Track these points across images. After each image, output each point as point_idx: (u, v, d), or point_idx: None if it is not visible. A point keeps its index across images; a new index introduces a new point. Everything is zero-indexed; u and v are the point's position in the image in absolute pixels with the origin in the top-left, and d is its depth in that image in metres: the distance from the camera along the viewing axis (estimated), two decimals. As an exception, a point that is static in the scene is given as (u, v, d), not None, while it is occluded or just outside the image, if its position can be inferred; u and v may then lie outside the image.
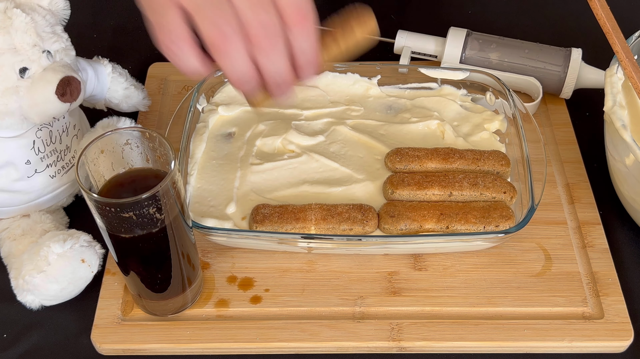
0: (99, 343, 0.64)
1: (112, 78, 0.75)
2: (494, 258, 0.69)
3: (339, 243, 0.67)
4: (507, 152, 0.74)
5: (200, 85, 0.77)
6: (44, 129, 0.67)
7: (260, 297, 0.67)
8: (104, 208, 0.54)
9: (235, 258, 0.70)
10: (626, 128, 0.65)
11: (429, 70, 0.80)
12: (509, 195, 0.70)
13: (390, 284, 0.68)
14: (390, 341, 0.64)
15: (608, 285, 0.67)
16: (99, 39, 0.94)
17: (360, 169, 0.74)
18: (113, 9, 1.00)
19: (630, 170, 0.67)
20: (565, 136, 0.80)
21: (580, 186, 0.75)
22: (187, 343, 0.64)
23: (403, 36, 0.86)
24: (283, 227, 0.67)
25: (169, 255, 0.60)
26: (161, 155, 0.59)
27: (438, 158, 0.72)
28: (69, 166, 0.70)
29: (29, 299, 0.66)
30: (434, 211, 0.68)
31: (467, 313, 0.66)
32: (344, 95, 0.81)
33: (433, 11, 0.99)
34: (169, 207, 0.56)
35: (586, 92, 0.84)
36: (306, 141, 0.75)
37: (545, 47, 0.82)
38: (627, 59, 0.67)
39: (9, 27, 0.62)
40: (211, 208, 0.70)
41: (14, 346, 0.65)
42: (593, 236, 0.71)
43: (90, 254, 0.66)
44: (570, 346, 0.64)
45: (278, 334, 0.64)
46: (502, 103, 0.77)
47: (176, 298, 0.65)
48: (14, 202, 0.68)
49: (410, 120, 0.78)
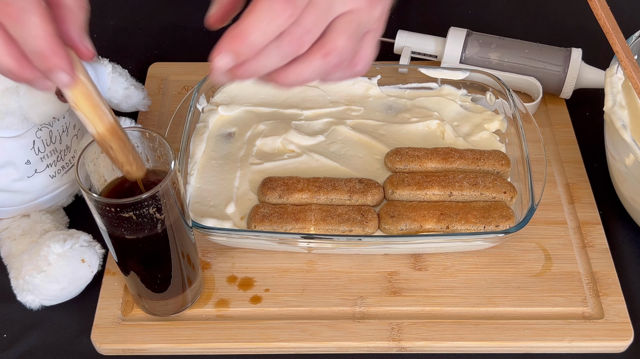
0: (99, 343, 0.64)
1: (112, 78, 0.75)
2: (494, 258, 0.69)
3: (339, 243, 0.67)
4: (507, 152, 0.74)
5: (200, 85, 0.77)
6: (44, 129, 0.67)
7: (260, 297, 0.67)
8: (104, 208, 0.54)
9: (235, 258, 0.70)
10: (626, 128, 0.65)
11: (429, 70, 0.80)
12: (509, 195, 0.70)
13: (390, 284, 0.68)
14: (390, 341, 0.64)
15: (608, 284, 0.67)
16: (99, 39, 0.94)
17: (360, 169, 0.74)
18: (113, 9, 1.00)
19: (630, 170, 0.67)
20: (565, 136, 0.80)
21: (580, 186, 0.75)
22: (187, 343, 0.64)
23: (403, 36, 0.86)
24: (282, 227, 0.67)
25: (169, 255, 0.60)
26: (161, 155, 0.59)
27: (438, 158, 0.72)
28: (69, 166, 0.70)
29: (29, 299, 0.66)
30: (434, 211, 0.68)
31: (467, 313, 0.66)
32: (344, 95, 0.81)
33: (433, 11, 0.99)
34: (169, 207, 0.56)
35: (586, 92, 0.84)
36: (306, 141, 0.75)
37: (545, 47, 0.82)
38: (627, 58, 0.67)
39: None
40: (211, 208, 0.70)
41: (14, 346, 0.65)
42: (593, 236, 0.71)
43: (90, 254, 0.66)
44: (570, 346, 0.64)
45: (278, 334, 0.64)
46: (502, 103, 0.77)
47: (176, 298, 0.65)
48: (14, 202, 0.68)
49: (410, 120, 0.78)
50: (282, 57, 0.48)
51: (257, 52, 0.47)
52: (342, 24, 0.49)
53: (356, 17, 0.49)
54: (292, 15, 0.46)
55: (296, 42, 0.48)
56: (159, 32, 0.96)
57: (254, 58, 0.48)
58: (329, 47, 0.49)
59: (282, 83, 0.50)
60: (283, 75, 0.50)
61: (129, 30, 0.96)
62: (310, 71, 0.49)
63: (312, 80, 0.50)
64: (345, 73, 0.52)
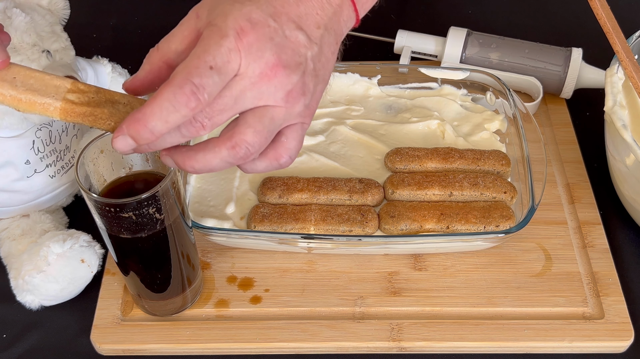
0: (98, 343, 0.64)
1: (112, 78, 0.75)
2: (494, 258, 0.69)
3: (339, 243, 0.67)
4: (508, 152, 0.74)
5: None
6: (43, 129, 0.67)
7: (260, 297, 0.67)
8: (104, 208, 0.54)
9: (235, 258, 0.70)
10: (626, 128, 0.65)
11: (429, 70, 0.80)
12: (509, 195, 0.70)
13: (391, 284, 0.68)
14: (391, 341, 0.64)
15: (608, 285, 0.67)
16: (99, 39, 0.94)
17: (360, 169, 0.73)
18: (113, 9, 1.00)
19: (631, 170, 0.67)
20: (565, 136, 0.80)
21: (581, 186, 0.75)
22: (187, 343, 0.64)
23: (403, 36, 0.86)
24: (282, 227, 0.67)
25: (169, 255, 0.60)
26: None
27: (438, 158, 0.72)
28: (69, 166, 0.70)
29: (29, 300, 0.65)
30: (434, 211, 0.68)
31: (467, 313, 0.66)
32: (344, 95, 0.81)
33: (433, 11, 0.99)
34: (169, 207, 0.56)
35: (586, 92, 0.84)
36: (306, 141, 0.75)
37: (545, 47, 0.82)
38: (628, 58, 0.67)
39: (8, 27, 0.62)
40: (211, 208, 0.70)
41: (14, 346, 0.65)
42: (593, 236, 0.71)
43: (90, 254, 0.65)
44: (571, 346, 0.64)
45: (278, 335, 0.64)
46: (502, 103, 0.77)
47: (176, 298, 0.65)
48: (13, 202, 0.68)
49: (410, 120, 0.78)
50: (182, 136, 0.47)
51: (158, 138, 0.46)
52: (251, 118, 0.48)
53: (269, 112, 0.48)
54: (196, 108, 0.45)
55: (197, 130, 0.47)
56: (159, 32, 0.95)
57: (154, 140, 0.47)
58: (236, 140, 0.47)
59: (189, 170, 0.49)
60: (190, 161, 0.49)
61: (129, 30, 0.96)
62: (217, 161, 0.48)
63: (222, 168, 0.49)
64: (271, 164, 0.51)
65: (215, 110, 0.46)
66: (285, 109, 0.48)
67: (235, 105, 0.47)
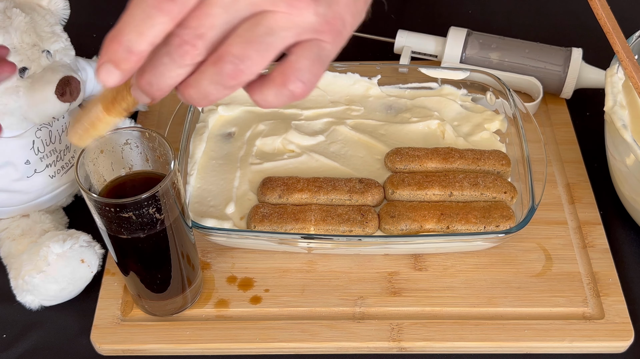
0: (98, 343, 0.64)
1: (112, 78, 0.74)
2: (494, 258, 0.69)
3: (339, 243, 0.67)
4: (508, 152, 0.74)
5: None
6: (43, 129, 0.67)
7: (260, 297, 0.67)
8: (104, 208, 0.54)
9: (235, 258, 0.70)
10: (627, 128, 0.65)
11: (429, 70, 0.80)
12: (509, 195, 0.70)
13: (391, 284, 0.68)
14: (391, 342, 0.64)
15: (608, 285, 0.67)
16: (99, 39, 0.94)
17: (360, 169, 0.73)
18: (113, 9, 0.99)
19: (631, 170, 0.67)
20: (565, 136, 0.80)
21: (581, 186, 0.75)
22: (187, 343, 0.64)
23: (403, 36, 0.86)
24: (282, 227, 0.67)
25: (169, 255, 0.60)
26: (161, 155, 0.58)
27: (438, 158, 0.72)
28: (69, 166, 0.70)
29: (29, 300, 0.65)
30: (434, 212, 0.68)
31: (467, 313, 0.66)
32: (344, 95, 0.81)
33: (433, 11, 0.99)
34: (169, 207, 0.56)
35: (586, 92, 0.84)
36: (306, 141, 0.75)
37: (545, 47, 0.82)
38: (628, 58, 0.67)
39: (8, 27, 0.62)
40: (211, 208, 0.70)
41: (14, 346, 0.65)
42: (593, 236, 0.71)
43: (90, 254, 0.65)
44: (571, 347, 0.64)
45: (278, 335, 0.64)
46: (502, 103, 0.77)
47: (176, 298, 0.65)
48: (13, 202, 0.68)
49: (410, 120, 0.78)
50: (179, 65, 0.40)
51: (140, 59, 0.39)
52: (242, 27, 0.39)
53: (266, 19, 0.39)
54: (171, 11, 0.38)
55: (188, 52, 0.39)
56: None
57: (149, 67, 0.40)
58: (220, 52, 0.39)
59: (186, 99, 0.42)
60: (182, 89, 0.41)
61: (129, 30, 0.96)
62: (206, 82, 0.40)
63: (217, 95, 0.41)
64: (279, 92, 0.42)
65: (201, 22, 0.38)
66: (287, 16, 0.39)
67: (224, 14, 0.39)
